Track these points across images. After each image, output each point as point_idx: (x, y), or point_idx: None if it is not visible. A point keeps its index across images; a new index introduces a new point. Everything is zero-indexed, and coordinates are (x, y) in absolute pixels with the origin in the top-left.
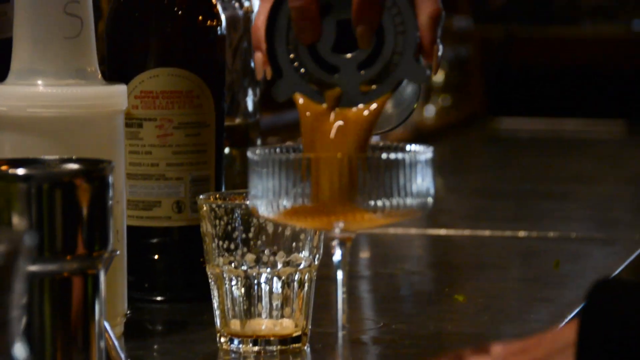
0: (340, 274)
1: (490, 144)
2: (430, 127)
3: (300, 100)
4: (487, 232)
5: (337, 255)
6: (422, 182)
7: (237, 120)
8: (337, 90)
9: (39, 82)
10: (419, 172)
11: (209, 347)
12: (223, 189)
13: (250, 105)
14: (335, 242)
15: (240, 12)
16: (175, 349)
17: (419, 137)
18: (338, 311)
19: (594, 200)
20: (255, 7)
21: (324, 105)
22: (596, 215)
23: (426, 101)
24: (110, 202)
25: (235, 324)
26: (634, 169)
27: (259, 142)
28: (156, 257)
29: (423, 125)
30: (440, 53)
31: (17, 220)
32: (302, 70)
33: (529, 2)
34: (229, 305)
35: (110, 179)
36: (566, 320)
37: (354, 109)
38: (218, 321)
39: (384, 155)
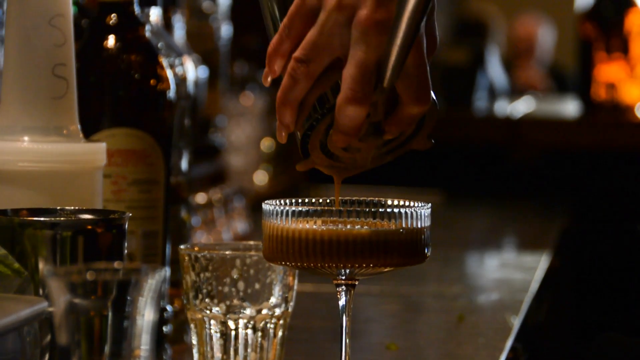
0: (344, 319)
1: None
2: (263, 193)
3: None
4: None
5: (342, 301)
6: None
7: (171, 179)
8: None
9: (26, 138)
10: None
11: None
12: (168, 244)
13: (184, 165)
14: (341, 289)
15: (176, 79)
16: None
17: (256, 201)
18: (342, 354)
19: None
20: (189, 74)
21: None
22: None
23: (256, 168)
24: (125, 250)
25: None
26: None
27: (190, 198)
28: None
29: (255, 191)
30: None
31: (42, 265)
32: (328, 152)
33: None
34: (208, 350)
35: (126, 228)
36: None
37: None
38: None
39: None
